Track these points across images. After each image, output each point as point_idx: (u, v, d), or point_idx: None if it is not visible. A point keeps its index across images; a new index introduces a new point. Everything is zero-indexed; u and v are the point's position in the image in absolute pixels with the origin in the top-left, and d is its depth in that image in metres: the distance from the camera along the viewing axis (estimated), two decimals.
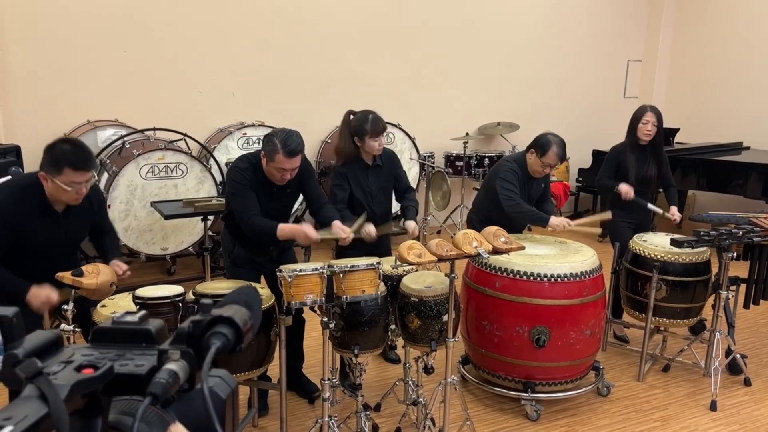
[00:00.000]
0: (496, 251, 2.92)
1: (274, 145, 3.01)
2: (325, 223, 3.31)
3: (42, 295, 2.69)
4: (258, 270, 3.35)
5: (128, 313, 0.74)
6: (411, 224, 3.61)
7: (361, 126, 3.49)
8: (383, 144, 3.60)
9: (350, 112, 3.60)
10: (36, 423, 0.57)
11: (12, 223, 2.69)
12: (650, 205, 4.24)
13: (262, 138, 5.73)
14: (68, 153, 2.63)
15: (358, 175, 3.58)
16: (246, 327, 0.73)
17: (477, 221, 3.98)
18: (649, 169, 4.26)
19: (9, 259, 2.75)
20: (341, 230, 3.18)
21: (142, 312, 0.74)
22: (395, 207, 4.02)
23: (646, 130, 4.18)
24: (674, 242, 3.62)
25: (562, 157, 3.82)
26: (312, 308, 2.89)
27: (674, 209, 4.32)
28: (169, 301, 2.65)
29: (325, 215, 3.33)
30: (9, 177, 4.42)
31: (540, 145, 3.81)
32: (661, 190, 4.58)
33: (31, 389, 0.61)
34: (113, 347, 0.70)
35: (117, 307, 2.71)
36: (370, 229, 3.37)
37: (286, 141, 3.00)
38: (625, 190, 4.21)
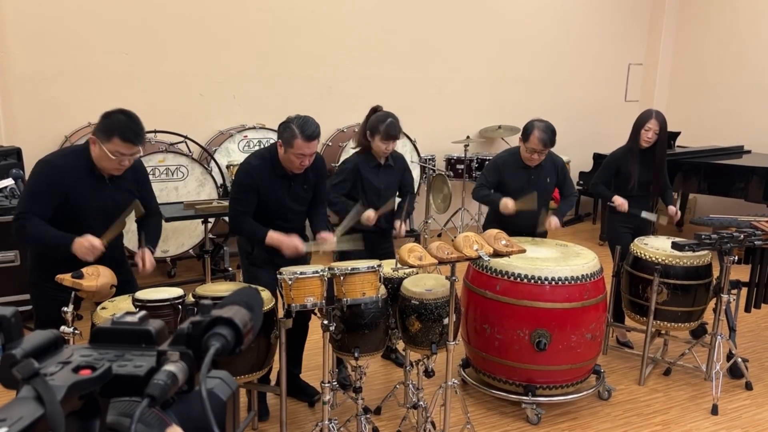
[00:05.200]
0: (496, 254, 2.91)
1: (291, 131, 3.02)
2: (312, 222, 3.44)
3: (85, 243, 2.72)
4: (276, 270, 3.32)
5: (128, 313, 0.73)
6: (396, 222, 3.75)
7: (376, 125, 3.56)
8: (390, 149, 3.64)
9: (375, 108, 3.66)
10: (31, 424, 0.57)
11: (63, 182, 2.74)
12: (644, 213, 4.20)
13: (263, 139, 5.77)
14: (121, 123, 2.70)
15: (368, 174, 3.61)
16: (246, 328, 0.73)
17: (488, 220, 4.11)
18: (649, 173, 4.23)
19: (59, 228, 2.78)
20: (327, 241, 3.23)
21: (142, 312, 0.73)
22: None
23: (647, 137, 4.12)
24: (675, 245, 3.62)
25: (546, 142, 3.76)
26: (312, 311, 2.89)
27: (672, 208, 4.33)
28: (168, 303, 2.64)
29: (316, 219, 3.40)
30: (10, 179, 4.42)
31: (524, 130, 3.86)
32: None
33: (28, 390, 0.60)
34: (112, 348, 0.70)
35: (117, 309, 2.70)
36: (369, 215, 3.51)
37: (303, 126, 3.02)
38: (620, 202, 4.19)
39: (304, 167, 3.15)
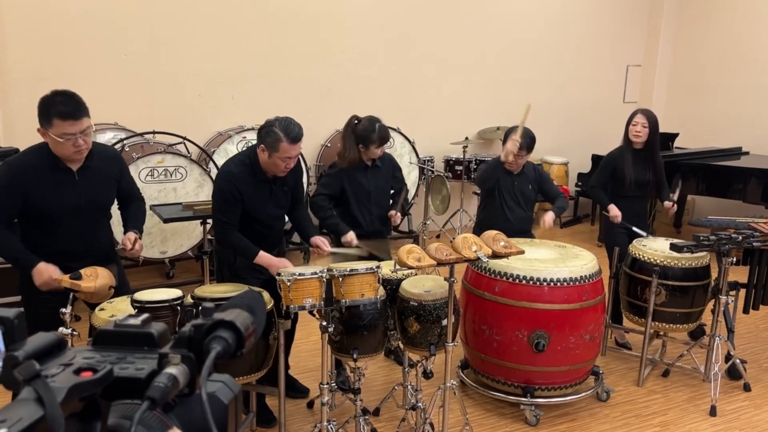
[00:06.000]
0: (495, 255, 2.92)
1: (275, 135, 2.96)
2: (298, 227, 3.43)
3: (45, 274, 2.66)
4: (258, 278, 3.31)
5: (131, 316, 0.73)
6: (391, 212, 3.74)
7: (367, 135, 3.53)
8: (382, 152, 3.66)
9: (355, 118, 3.61)
10: (31, 426, 0.57)
11: (23, 183, 2.65)
12: (635, 229, 4.22)
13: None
14: (55, 104, 2.57)
15: (356, 176, 3.59)
16: (248, 332, 0.73)
17: (478, 226, 4.07)
18: (646, 173, 4.27)
19: (35, 228, 2.72)
20: (322, 243, 3.21)
21: (145, 315, 0.73)
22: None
23: (635, 131, 4.20)
24: (674, 247, 3.62)
25: (524, 146, 3.83)
26: (311, 312, 2.88)
27: (667, 203, 4.37)
28: (167, 304, 2.63)
29: (303, 224, 3.41)
30: None
31: (505, 135, 3.93)
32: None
33: (29, 392, 0.60)
34: (115, 350, 0.70)
35: (115, 311, 2.70)
36: (350, 238, 3.47)
37: (287, 128, 2.97)
38: (614, 213, 4.24)
39: (288, 170, 3.09)
